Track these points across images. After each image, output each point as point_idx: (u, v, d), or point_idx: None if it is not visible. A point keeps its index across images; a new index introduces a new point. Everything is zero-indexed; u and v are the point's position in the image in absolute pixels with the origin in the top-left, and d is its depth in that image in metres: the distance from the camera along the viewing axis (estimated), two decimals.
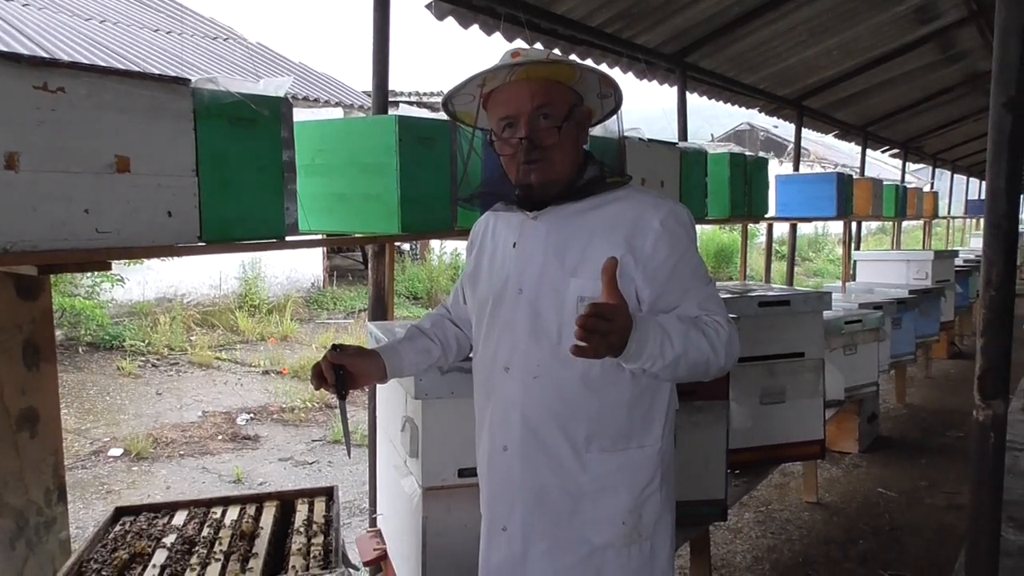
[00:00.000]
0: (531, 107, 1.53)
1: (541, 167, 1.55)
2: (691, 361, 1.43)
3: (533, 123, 1.53)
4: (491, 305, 1.68)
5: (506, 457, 1.65)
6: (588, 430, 1.59)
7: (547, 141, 1.54)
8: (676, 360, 1.40)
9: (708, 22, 4.61)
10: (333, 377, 1.64)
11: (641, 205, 1.58)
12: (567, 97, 1.57)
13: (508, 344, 1.64)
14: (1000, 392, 1.55)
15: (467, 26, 3.52)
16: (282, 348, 8.84)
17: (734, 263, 15.92)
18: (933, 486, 4.64)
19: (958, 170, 15.01)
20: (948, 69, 7.13)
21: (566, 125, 1.54)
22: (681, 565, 3.45)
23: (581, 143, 1.62)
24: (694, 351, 1.43)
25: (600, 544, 1.61)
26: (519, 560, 1.65)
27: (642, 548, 1.64)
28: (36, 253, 1.57)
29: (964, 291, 8.03)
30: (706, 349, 1.44)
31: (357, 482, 4.88)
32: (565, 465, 1.60)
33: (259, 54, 13.38)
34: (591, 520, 1.61)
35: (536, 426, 1.61)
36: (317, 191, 2.54)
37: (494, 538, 1.69)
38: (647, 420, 1.63)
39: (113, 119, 1.68)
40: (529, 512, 1.63)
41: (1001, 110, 1.52)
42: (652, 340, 1.37)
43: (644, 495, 1.63)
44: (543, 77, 1.54)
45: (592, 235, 1.56)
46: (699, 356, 1.43)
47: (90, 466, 5.29)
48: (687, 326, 1.44)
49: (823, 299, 3.57)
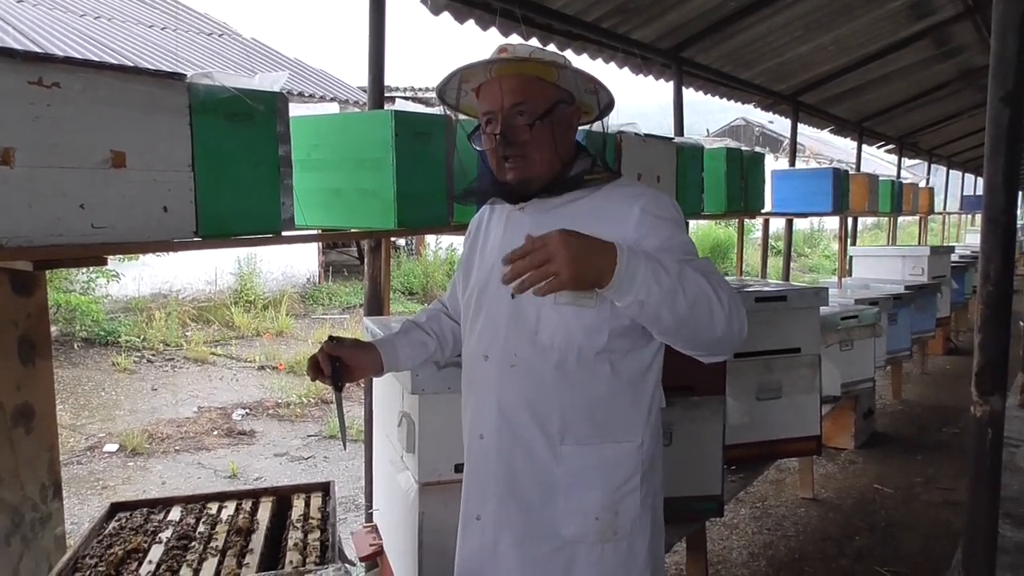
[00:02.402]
0: (508, 104, 1.54)
1: (517, 163, 1.56)
2: (691, 297, 1.34)
3: (509, 120, 1.54)
4: (477, 295, 1.69)
5: (482, 445, 1.65)
6: (562, 422, 1.58)
7: (520, 138, 1.54)
8: (673, 290, 1.32)
9: (704, 17, 4.60)
10: (329, 368, 1.63)
11: (621, 196, 1.58)
12: (548, 94, 1.56)
13: (490, 333, 1.65)
14: (997, 388, 1.55)
15: (463, 21, 3.51)
16: (278, 344, 8.83)
17: (730, 259, 15.93)
18: (929, 482, 4.66)
19: (954, 166, 15.05)
20: (943, 64, 7.14)
21: (540, 123, 1.54)
22: (677, 561, 3.45)
23: (565, 139, 1.61)
24: (692, 285, 1.34)
25: (570, 538, 1.59)
26: (490, 550, 1.64)
27: (617, 547, 1.61)
28: (31, 248, 1.56)
29: (960, 287, 8.04)
30: (706, 288, 1.36)
31: (353, 477, 4.88)
32: (538, 456, 1.59)
33: (254, 50, 13.34)
34: (563, 513, 1.59)
35: (510, 415, 1.60)
36: (313, 186, 2.54)
37: (468, 527, 1.69)
38: (627, 416, 1.61)
39: (108, 114, 1.67)
40: (501, 502, 1.63)
41: (999, 104, 1.51)
42: (644, 267, 1.32)
43: (621, 492, 1.60)
44: (523, 74, 1.55)
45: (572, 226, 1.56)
46: (700, 292, 1.35)
47: (85, 462, 5.28)
48: (681, 264, 1.38)
49: (819, 295, 3.57)
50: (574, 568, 1.60)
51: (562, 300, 1.53)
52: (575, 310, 1.54)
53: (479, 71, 1.56)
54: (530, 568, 1.61)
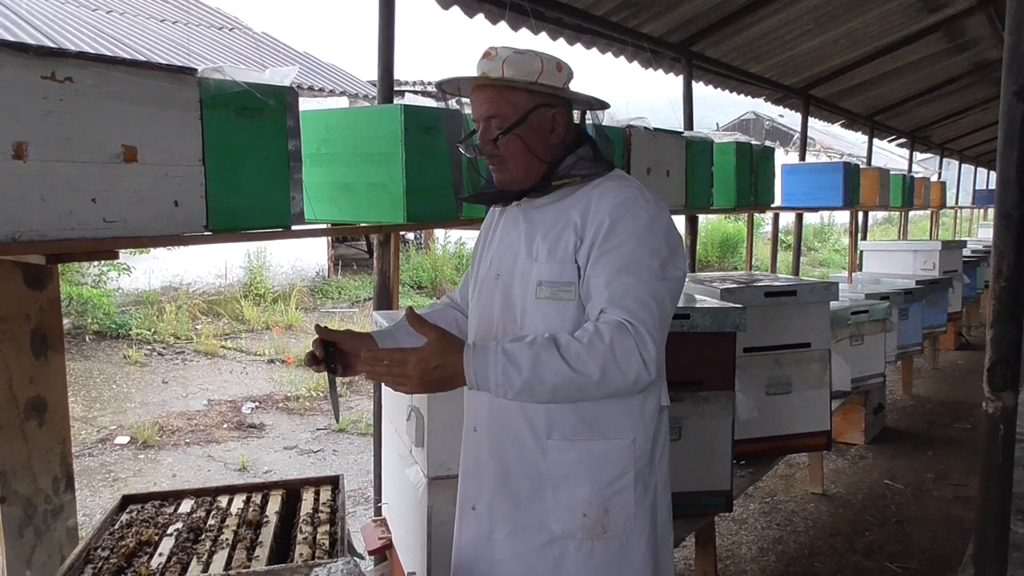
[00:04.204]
0: (484, 115, 1.60)
1: (498, 170, 1.63)
2: (550, 384, 1.40)
3: (486, 131, 1.60)
4: (478, 289, 1.74)
5: (476, 437, 1.70)
6: (548, 417, 1.59)
7: (494, 149, 1.60)
8: (529, 384, 1.39)
9: (714, 10, 4.58)
10: (323, 352, 1.64)
11: (602, 192, 1.59)
12: (521, 103, 1.58)
13: (485, 326, 1.69)
14: (1010, 384, 1.54)
15: (472, 15, 3.50)
16: (287, 337, 8.86)
17: (739, 253, 15.87)
18: (940, 478, 4.64)
19: (966, 159, 14.93)
20: (956, 58, 7.09)
21: (505, 137, 1.57)
22: (686, 556, 3.45)
23: (547, 141, 1.61)
24: (549, 374, 1.39)
25: (560, 534, 1.60)
26: (486, 540, 1.67)
27: (608, 545, 1.60)
28: (44, 242, 1.57)
29: (972, 282, 7.98)
30: (563, 372, 1.39)
31: (362, 471, 4.89)
32: (527, 449, 1.61)
33: (264, 44, 13.36)
34: (551, 508, 1.60)
35: (501, 409, 1.63)
36: (323, 180, 2.54)
37: (465, 516, 1.73)
38: (616, 412, 1.60)
39: (120, 109, 1.67)
40: (495, 494, 1.66)
41: (1012, 98, 1.50)
42: (494, 372, 1.40)
43: (612, 490, 1.59)
44: (497, 85, 1.57)
45: (555, 222, 1.61)
46: (558, 378, 1.39)
47: (97, 454, 5.32)
48: (538, 349, 1.41)
49: (829, 289, 3.56)
50: (563, 564, 1.60)
51: (542, 295, 1.57)
52: (555, 304, 1.56)
53: (464, 84, 1.63)
54: (522, 561, 1.62)
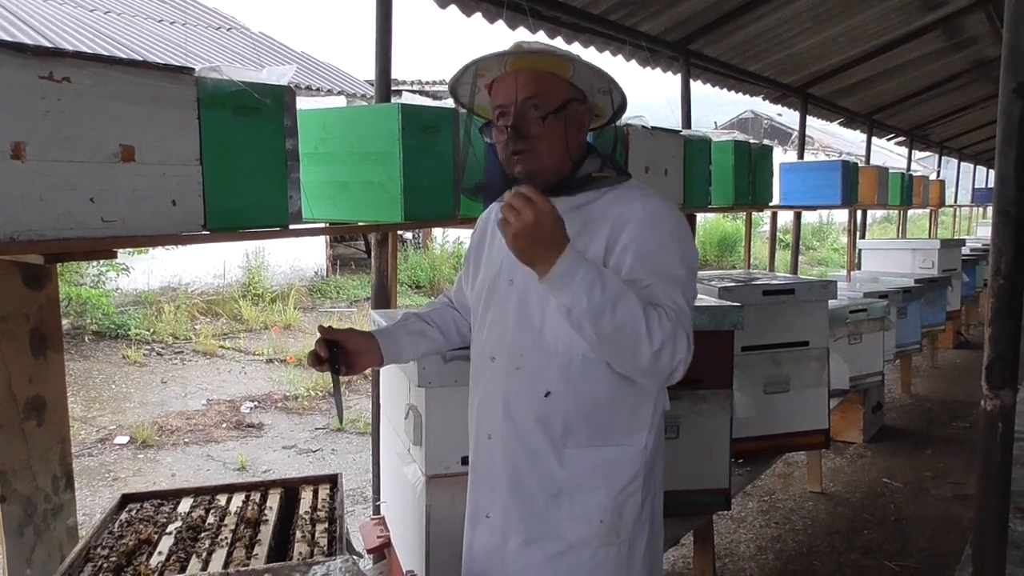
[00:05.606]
0: (521, 96, 1.53)
1: (526, 158, 1.54)
2: (619, 321, 1.37)
3: (521, 113, 1.53)
4: (486, 294, 1.69)
5: (490, 445, 1.67)
6: (565, 424, 1.58)
7: (532, 131, 1.53)
8: (602, 309, 1.35)
9: (712, 9, 4.58)
10: (327, 352, 1.64)
11: (629, 200, 1.57)
12: (561, 90, 1.56)
13: (496, 334, 1.65)
14: (1008, 382, 1.54)
15: (470, 14, 3.50)
16: (286, 336, 8.86)
17: (738, 252, 15.89)
18: (938, 476, 4.64)
19: (965, 158, 14.92)
20: (955, 56, 7.08)
21: (553, 117, 1.53)
22: (684, 554, 3.45)
23: (577, 137, 1.60)
24: (624, 311, 1.37)
25: (576, 542, 1.59)
26: (499, 549, 1.65)
27: (620, 551, 1.61)
28: (42, 242, 1.57)
29: (971, 280, 7.99)
30: (639, 319, 1.38)
31: (361, 469, 4.90)
32: (542, 458, 1.59)
33: (262, 43, 13.36)
34: (567, 516, 1.59)
35: (516, 417, 1.61)
36: (320, 179, 2.54)
37: (478, 525, 1.71)
38: (630, 419, 1.61)
39: (118, 108, 1.67)
40: (508, 503, 1.63)
41: (1011, 96, 1.50)
42: (581, 277, 1.35)
43: (624, 495, 1.60)
44: (536, 68, 1.54)
45: (580, 231, 1.55)
46: (629, 321, 1.37)
47: (96, 454, 5.32)
48: (627, 288, 1.40)
49: (828, 288, 3.56)
50: (577, 572, 1.60)
51: None
52: None
53: (493, 64, 1.56)
54: (536, 571, 1.61)
